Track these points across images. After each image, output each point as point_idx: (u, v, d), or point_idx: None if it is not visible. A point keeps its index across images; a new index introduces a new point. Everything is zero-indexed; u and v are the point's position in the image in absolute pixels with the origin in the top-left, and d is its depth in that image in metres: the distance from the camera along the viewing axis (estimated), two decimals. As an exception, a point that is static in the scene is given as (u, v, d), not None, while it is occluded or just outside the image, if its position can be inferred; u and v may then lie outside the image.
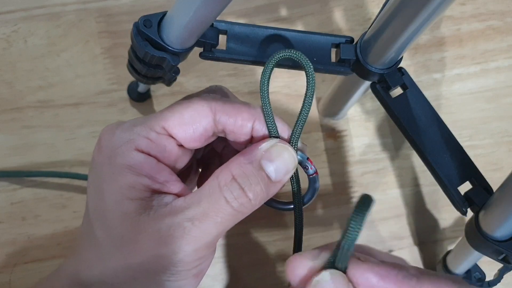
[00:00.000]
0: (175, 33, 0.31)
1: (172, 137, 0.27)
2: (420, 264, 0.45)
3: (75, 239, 0.43)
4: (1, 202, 0.43)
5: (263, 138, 0.27)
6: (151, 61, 0.33)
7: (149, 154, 0.26)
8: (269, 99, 0.27)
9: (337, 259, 0.24)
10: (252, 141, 0.28)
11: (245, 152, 0.26)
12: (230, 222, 0.25)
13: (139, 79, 0.38)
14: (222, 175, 0.25)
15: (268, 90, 0.27)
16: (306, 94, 0.27)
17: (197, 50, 0.34)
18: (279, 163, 0.26)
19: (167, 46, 0.32)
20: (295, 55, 0.27)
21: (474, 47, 0.50)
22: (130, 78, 0.42)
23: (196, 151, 0.31)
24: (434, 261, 0.45)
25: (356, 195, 0.46)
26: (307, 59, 0.27)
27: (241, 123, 0.27)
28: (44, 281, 0.29)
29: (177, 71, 0.35)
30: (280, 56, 0.27)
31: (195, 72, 0.48)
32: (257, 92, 0.48)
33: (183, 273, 0.25)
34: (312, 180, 0.28)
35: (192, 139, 0.27)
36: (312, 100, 0.27)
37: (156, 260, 0.25)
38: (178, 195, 0.26)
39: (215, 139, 0.29)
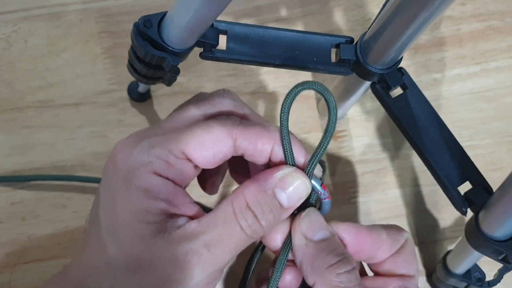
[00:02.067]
0: (175, 33, 0.31)
1: (190, 161, 0.27)
2: (420, 264, 0.45)
3: (75, 239, 0.43)
4: (1, 202, 0.43)
5: (280, 163, 0.27)
6: (151, 61, 0.33)
7: (167, 178, 0.26)
8: (288, 127, 0.27)
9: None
10: (270, 163, 0.28)
11: (260, 178, 0.26)
12: (241, 248, 0.26)
13: (139, 79, 0.38)
14: (236, 202, 0.26)
15: (288, 118, 0.27)
16: (327, 126, 0.27)
17: (197, 50, 0.34)
18: (292, 191, 0.26)
19: (167, 46, 0.32)
20: (316, 87, 0.26)
21: (474, 47, 0.50)
22: (130, 78, 0.42)
23: None
24: (434, 261, 0.45)
25: (356, 195, 0.46)
26: (330, 92, 0.26)
27: (261, 148, 0.27)
28: (47, 285, 0.29)
29: (177, 71, 0.35)
30: (302, 88, 0.26)
31: (195, 72, 0.48)
32: (257, 92, 0.48)
33: None
34: (324, 204, 0.29)
35: (209, 163, 0.27)
36: (333, 132, 0.27)
37: (170, 284, 0.25)
38: (191, 217, 0.27)
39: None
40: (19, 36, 0.47)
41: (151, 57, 0.32)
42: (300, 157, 0.28)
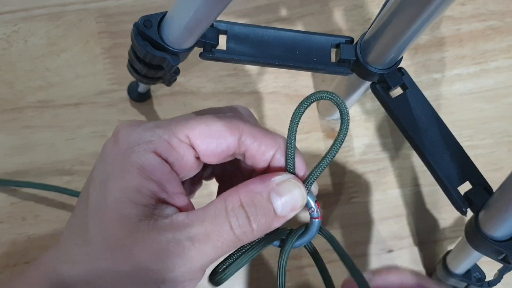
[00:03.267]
0: (175, 33, 0.31)
1: (193, 148, 0.26)
2: (420, 264, 0.45)
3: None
4: (1, 202, 0.43)
5: (279, 170, 0.27)
6: (152, 61, 0.33)
7: (166, 160, 0.26)
8: (295, 134, 0.26)
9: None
10: (268, 170, 0.27)
11: (257, 180, 0.26)
12: (228, 248, 0.25)
13: (139, 79, 0.38)
14: (230, 199, 0.25)
15: (297, 125, 0.26)
16: (337, 138, 0.26)
17: (197, 50, 0.34)
18: (288, 199, 0.25)
19: (167, 46, 0.32)
20: (329, 96, 0.25)
21: (474, 47, 0.50)
22: (130, 78, 0.42)
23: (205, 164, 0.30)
24: (434, 261, 0.45)
25: (356, 195, 0.46)
26: (344, 102, 0.25)
27: (264, 150, 0.26)
28: (21, 276, 0.27)
29: (177, 71, 0.35)
30: (317, 97, 0.26)
31: (195, 72, 0.48)
32: (257, 92, 0.48)
33: None
34: (313, 224, 0.28)
35: (212, 153, 0.26)
36: (341, 146, 0.26)
37: (147, 273, 0.24)
38: (180, 209, 0.26)
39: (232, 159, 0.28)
40: (19, 36, 0.47)
41: (151, 57, 0.32)
42: (301, 168, 0.27)
